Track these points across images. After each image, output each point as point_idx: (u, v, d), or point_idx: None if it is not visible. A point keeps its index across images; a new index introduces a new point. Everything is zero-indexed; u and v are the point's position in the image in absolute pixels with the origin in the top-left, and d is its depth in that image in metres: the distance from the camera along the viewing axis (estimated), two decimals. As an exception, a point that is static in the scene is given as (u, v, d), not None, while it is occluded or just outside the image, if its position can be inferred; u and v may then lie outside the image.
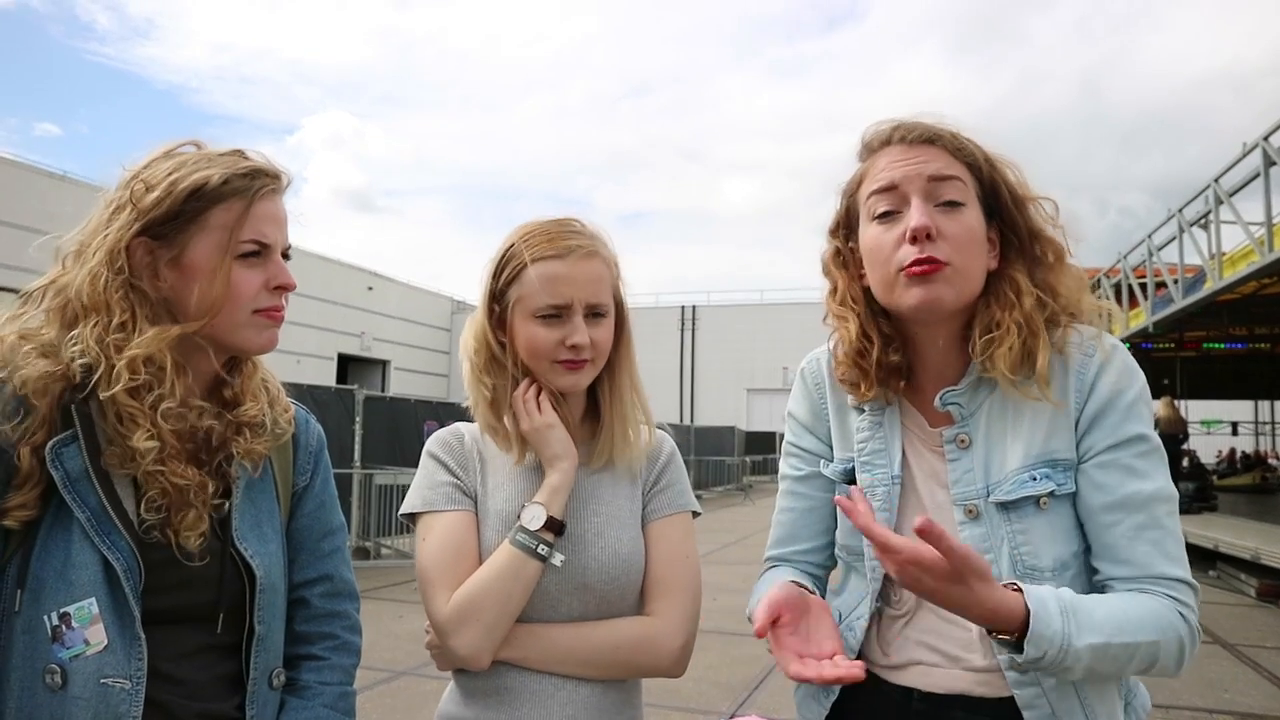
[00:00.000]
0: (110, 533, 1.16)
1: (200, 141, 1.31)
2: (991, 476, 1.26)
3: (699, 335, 44.83)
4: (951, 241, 1.24)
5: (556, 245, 1.38)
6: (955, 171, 1.27)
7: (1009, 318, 1.26)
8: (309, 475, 1.44)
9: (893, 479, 1.34)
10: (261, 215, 1.27)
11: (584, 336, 1.38)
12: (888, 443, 1.36)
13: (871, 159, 1.34)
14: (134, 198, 1.22)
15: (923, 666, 1.30)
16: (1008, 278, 1.30)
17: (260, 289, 1.27)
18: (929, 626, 1.31)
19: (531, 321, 1.39)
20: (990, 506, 1.25)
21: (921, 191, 1.25)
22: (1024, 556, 1.23)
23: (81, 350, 1.18)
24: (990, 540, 1.25)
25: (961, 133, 1.30)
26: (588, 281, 1.39)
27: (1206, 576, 10.20)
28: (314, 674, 1.38)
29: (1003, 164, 1.32)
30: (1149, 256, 12.60)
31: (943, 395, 1.31)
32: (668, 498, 1.49)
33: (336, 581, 1.43)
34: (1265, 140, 8.81)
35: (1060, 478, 1.24)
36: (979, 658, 1.26)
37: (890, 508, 1.33)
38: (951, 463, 1.30)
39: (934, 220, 1.24)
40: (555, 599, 1.37)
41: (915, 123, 1.31)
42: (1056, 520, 1.24)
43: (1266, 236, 8.93)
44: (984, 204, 1.30)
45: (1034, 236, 1.30)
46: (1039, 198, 1.32)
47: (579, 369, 1.40)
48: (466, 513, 1.41)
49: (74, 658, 1.13)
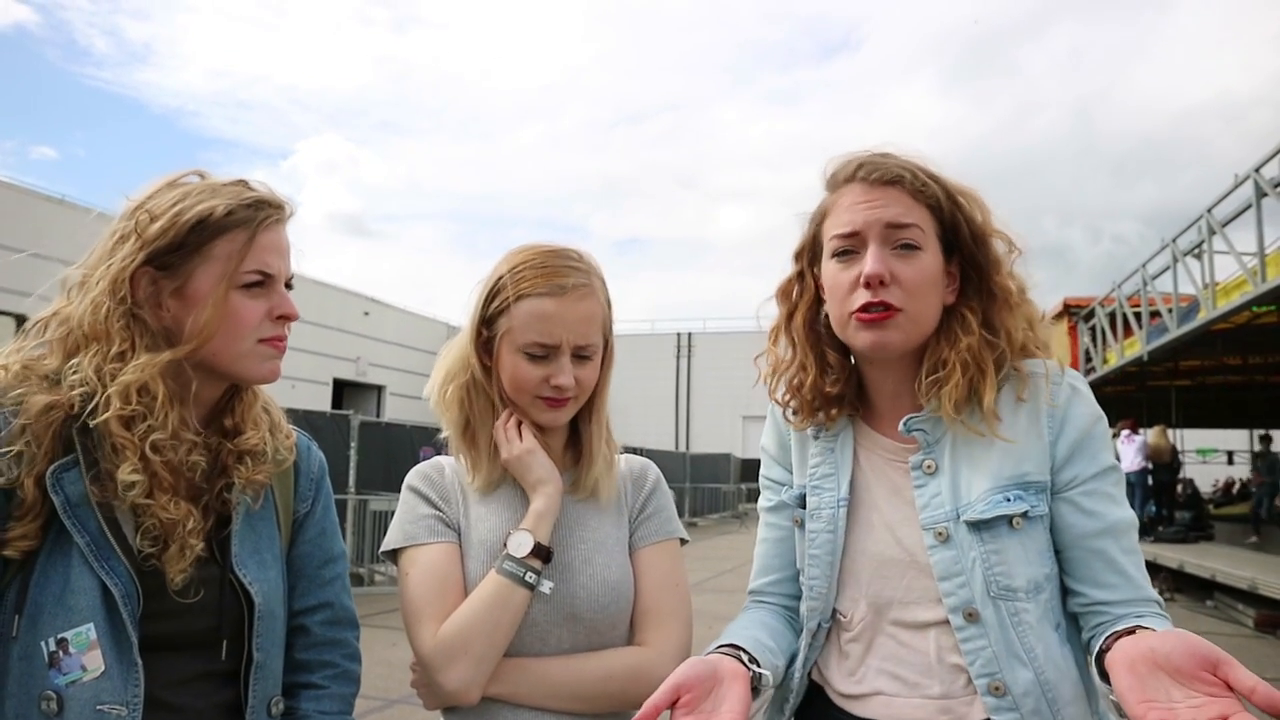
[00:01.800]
0: (109, 558, 1.16)
1: (204, 171, 1.32)
2: (960, 499, 1.27)
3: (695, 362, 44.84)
4: (905, 286, 1.27)
5: (551, 282, 1.36)
6: (914, 217, 1.29)
7: (954, 356, 1.28)
8: (310, 502, 1.44)
9: (839, 501, 1.37)
10: (265, 246, 1.27)
11: (569, 378, 1.37)
12: (837, 467, 1.39)
13: (836, 194, 1.37)
14: (138, 228, 1.22)
15: (884, 697, 1.30)
16: (959, 314, 1.32)
17: (263, 318, 1.28)
18: (889, 653, 1.31)
19: (518, 355, 1.37)
20: (961, 527, 1.26)
21: (879, 236, 1.28)
22: (998, 577, 1.23)
23: (81, 379, 1.18)
24: (961, 562, 1.25)
25: (925, 169, 1.32)
26: (578, 322, 1.37)
27: (1204, 606, 10.16)
28: (313, 703, 1.37)
29: (965, 198, 1.34)
30: (1143, 285, 12.66)
31: (906, 421, 1.33)
32: (655, 524, 1.48)
33: (337, 609, 1.42)
34: (1257, 172, 8.91)
35: (1033, 499, 1.25)
36: (936, 685, 1.26)
37: (835, 529, 1.36)
38: (918, 488, 1.31)
39: (889, 266, 1.27)
40: (544, 631, 1.35)
41: (878, 162, 1.32)
42: (1029, 542, 1.25)
43: (1260, 266, 8.99)
44: (944, 240, 1.32)
45: (992, 272, 1.33)
46: (998, 232, 1.35)
47: (560, 406, 1.40)
48: (450, 545, 1.39)
49: (70, 684, 1.12)
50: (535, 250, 1.41)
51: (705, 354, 44.70)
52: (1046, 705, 1.21)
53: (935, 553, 1.27)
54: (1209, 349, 12.88)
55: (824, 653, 1.40)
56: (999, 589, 1.23)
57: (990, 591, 1.23)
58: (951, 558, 1.26)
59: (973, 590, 1.24)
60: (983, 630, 1.23)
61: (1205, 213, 10.17)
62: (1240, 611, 9.38)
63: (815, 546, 1.38)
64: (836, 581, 1.36)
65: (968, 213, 1.33)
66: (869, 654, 1.33)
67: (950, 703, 1.25)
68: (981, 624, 1.23)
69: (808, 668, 1.40)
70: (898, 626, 1.31)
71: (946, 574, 1.26)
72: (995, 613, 1.23)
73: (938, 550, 1.27)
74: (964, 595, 1.24)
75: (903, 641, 1.30)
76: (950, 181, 1.33)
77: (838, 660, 1.37)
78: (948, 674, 1.26)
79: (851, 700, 1.33)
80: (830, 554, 1.36)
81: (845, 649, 1.36)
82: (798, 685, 1.40)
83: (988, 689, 1.22)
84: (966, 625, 1.24)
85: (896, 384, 1.37)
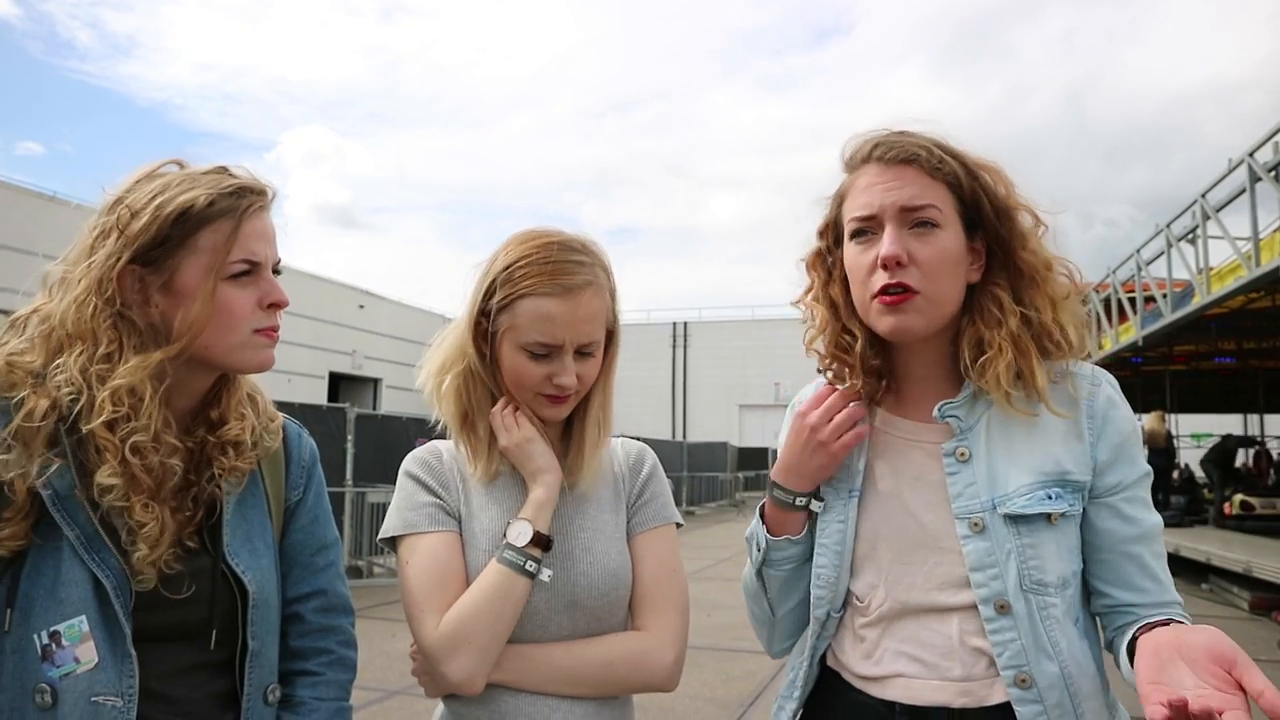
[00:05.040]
0: (99, 550, 1.16)
1: (182, 161, 1.29)
2: (996, 489, 1.26)
3: (691, 351, 44.90)
4: (923, 267, 1.26)
5: (555, 282, 1.33)
6: (931, 196, 1.28)
7: (998, 336, 1.27)
8: (301, 489, 1.43)
9: (849, 492, 1.37)
10: (250, 233, 1.25)
11: (571, 378, 1.36)
12: (852, 455, 1.38)
13: (854, 175, 1.35)
14: (120, 224, 1.20)
15: (904, 679, 1.29)
16: (990, 293, 1.31)
17: (255, 308, 1.26)
18: (909, 635, 1.30)
19: (519, 352, 1.36)
20: (997, 519, 1.25)
21: (895, 218, 1.27)
22: (1031, 570, 1.23)
23: (67, 379, 1.16)
24: (996, 554, 1.25)
25: (943, 144, 1.30)
26: (582, 320, 1.35)
27: (1199, 590, 10.21)
28: (309, 690, 1.36)
29: (986, 173, 1.31)
30: (1137, 271, 12.70)
31: (941, 407, 1.32)
32: (652, 510, 1.48)
33: (331, 596, 1.42)
34: (1250, 156, 8.93)
35: (1071, 499, 1.25)
36: (957, 667, 1.26)
37: (846, 518, 1.36)
38: (951, 476, 1.30)
39: (906, 246, 1.26)
40: (545, 618, 1.35)
41: (894, 141, 1.31)
42: (1063, 539, 1.26)
43: (1253, 251, 9.01)
44: (965, 217, 1.30)
45: (1017, 248, 1.31)
46: (1023, 205, 1.32)
47: (562, 403, 1.39)
48: (450, 534, 1.38)
49: (64, 676, 1.12)
50: (539, 242, 1.37)
51: (701, 343, 44.77)
52: (1069, 699, 1.21)
53: (969, 543, 1.26)
54: (1203, 334, 12.91)
55: (839, 638, 1.39)
56: (1032, 583, 1.23)
57: (1023, 585, 1.23)
58: (986, 549, 1.25)
59: (1006, 583, 1.23)
60: (1013, 623, 1.23)
61: (1199, 198, 10.19)
62: (1235, 594, 9.43)
63: (825, 536, 1.38)
64: (849, 569, 1.36)
65: (989, 187, 1.30)
66: (887, 637, 1.32)
67: (971, 684, 1.25)
68: (1012, 616, 1.23)
69: (816, 656, 1.40)
70: (919, 611, 1.30)
71: (980, 565, 1.25)
72: (1026, 606, 1.22)
73: (971, 540, 1.26)
74: (996, 587, 1.24)
75: (924, 625, 1.29)
76: (970, 156, 1.31)
77: (853, 644, 1.36)
78: (969, 656, 1.26)
79: (869, 682, 1.32)
80: (840, 543, 1.36)
81: (860, 633, 1.35)
82: (807, 674, 1.40)
83: (1014, 680, 1.21)
84: (997, 616, 1.23)
85: (926, 367, 1.36)
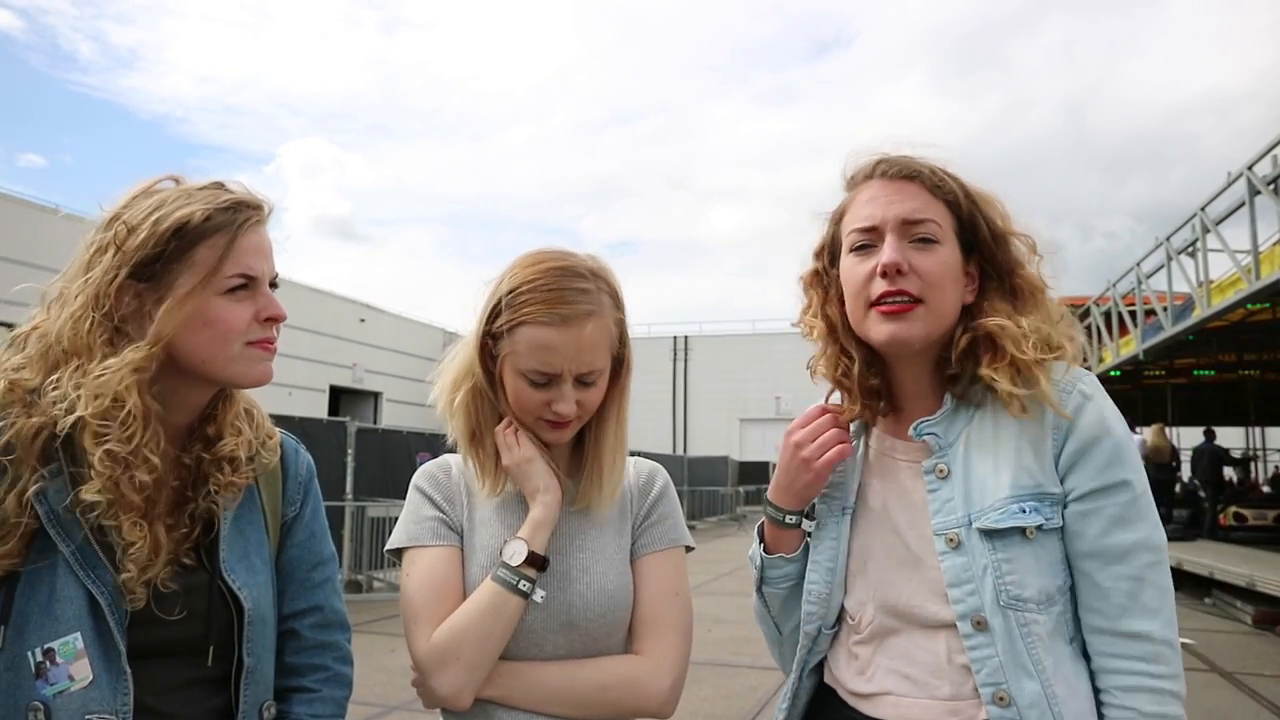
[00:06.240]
0: (94, 566, 1.15)
1: (179, 176, 1.29)
2: (973, 505, 1.26)
3: (691, 365, 44.85)
4: (924, 277, 1.27)
5: (554, 311, 1.31)
6: (931, 212, 1.30)
7: (999, 334, 1.27)
8: (298, 505, 1.43)
9: (842, 510, 1.39)
10: (246, 248, 1.25)
11: (569, 406, 1.35)
12: (846, 474, 1.40)
13: (854, 191, 1.38)
14: (117, 240, 1.20)
15: (892, 697, 1.29)
16: (985, 310, 1.31)
17: (250, 322, 1.26)
18: (899, 653, 1.30)
19: (519, 377, 1.36)
20: (973, 534, 1.25)
21: (896, 230, 1.29)
22: (1008, 586, 1.22)
23: (61, 394, 1.16)
24: (972, 569, 1.24)
25: (944, 167, 1.33)
26: (581, 350, 1.33)
27: (1202, 604, 10.17)
28: (305, 706, 1.35)
29: (984, 200, 1.34)
30: (1138, 284, 12.71)
31: (917, 426, 1.32)
32: (659, 532, 1.47)
33: (327, 612, 1.41)
34: (1249, 169, 8.95)
35: (1048, 512, 1.24)
36: (945, 685, 1.25)
37: (838, 536, 1.38)
38: (931, 493, 1.30)
39: (906, 256, 1.28)
40: (540, 637, 1.35)
41: (896, 158, 1.34)
42: (1042, 553, 1.23)
43: (1253, 264, 9.02)
44: (962, 239, 1.32)
45: (1012, 272, 1.33)
46: (1019, 234, 1.34)
47: (562, 429, 1.39)
48: (451, 548, 1.39)
49: (58, 694, 1.11)
50: (542, 267, 1.36)
51: (702, 357, 44.72)
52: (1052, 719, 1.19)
53: (946, 559, 1.26)
54: (1204, 347, 12.90)
55: (834, 655, 1.40)
56: (1009, 598, 1.22)
57: (1000, 600, 1.22)
58: (962, 564, 1.25)
59: (982, 598, 1.22)
60: (990, 639, 1.21)
61: (1199, 211, 10.21)
62: (1238, 608, 9.38)
63: (819, 552, 1.39)
64: (841, 586, 1.37)
65: (986, 213, 1.33)
66: (879, 654, 1.32)
67: (959, 704, 1.24)
68: (989, 633, 1.22)
69: (805, 670, 1.41)
70: (908, 629, 1.30)
71: (956, 580, 1.25)
72: (1004, 622, 1.21)
73: (949, 556, 1.26)
74: (973, 603, 1.23)
75: (913, 642, 1.29)
76: (969, 183, 1.34)
77: (847, 661, 1.37)
78: (957, 675, 1.25)
79: (861, 699, 1.33)
80: (832, 560, 1.37)
81: (854, 650, 1.36)
82: (799, 687, 1.40)
83: (992, 698, 1.20)
84: (975, 633, 1.23)
85: (918, 383, 1.36)
